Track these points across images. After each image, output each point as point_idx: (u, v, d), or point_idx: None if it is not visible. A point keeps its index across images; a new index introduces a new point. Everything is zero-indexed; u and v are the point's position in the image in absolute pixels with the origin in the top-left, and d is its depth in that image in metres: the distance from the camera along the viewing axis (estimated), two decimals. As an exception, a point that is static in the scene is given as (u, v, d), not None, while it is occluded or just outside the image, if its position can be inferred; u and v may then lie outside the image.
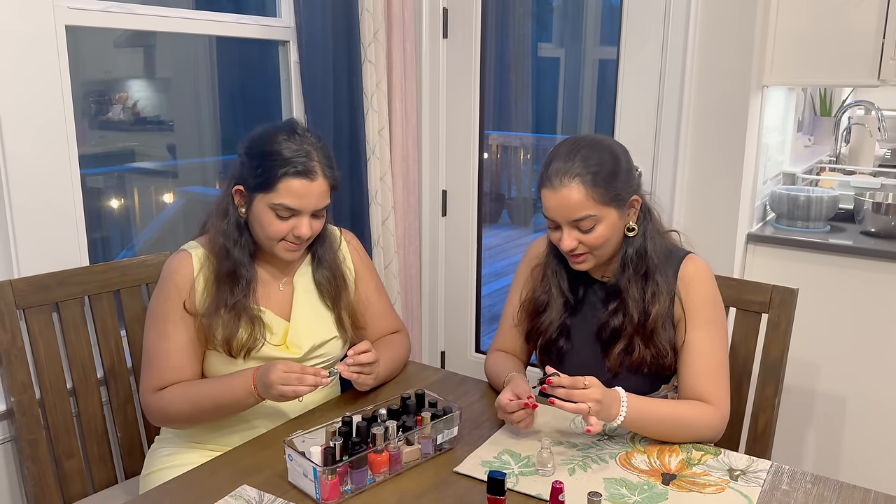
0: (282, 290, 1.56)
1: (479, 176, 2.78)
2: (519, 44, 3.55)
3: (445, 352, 2.96)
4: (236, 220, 1.48)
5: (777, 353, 1.63)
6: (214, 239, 1.49)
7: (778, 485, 1.23)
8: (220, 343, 1.45)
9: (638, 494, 1.20)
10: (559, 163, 1.37)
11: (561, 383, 1.26)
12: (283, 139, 1.43)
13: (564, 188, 1.35)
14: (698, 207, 2.30)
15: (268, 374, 1.36)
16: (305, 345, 1.54)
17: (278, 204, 1.42)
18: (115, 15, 1.81)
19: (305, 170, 1.42)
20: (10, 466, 1.66)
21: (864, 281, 2.21)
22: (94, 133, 2.20)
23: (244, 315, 1.46)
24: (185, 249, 1.51)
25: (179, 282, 1.47)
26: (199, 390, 1.44)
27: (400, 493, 1.22)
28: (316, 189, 1.44)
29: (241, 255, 1.48)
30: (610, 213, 1.38)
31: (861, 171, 3.09)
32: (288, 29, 2.27)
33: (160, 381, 1.46)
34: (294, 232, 1.45)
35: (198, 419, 1.48)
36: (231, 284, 1.46)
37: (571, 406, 1.25)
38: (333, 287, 1.60)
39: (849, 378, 2.27)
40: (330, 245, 1.62)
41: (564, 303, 1.53)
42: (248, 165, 1.45)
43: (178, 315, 1.45)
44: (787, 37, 2.20)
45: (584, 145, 1.39)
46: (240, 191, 1.47)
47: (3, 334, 1.53)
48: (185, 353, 1.46)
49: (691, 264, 1.47)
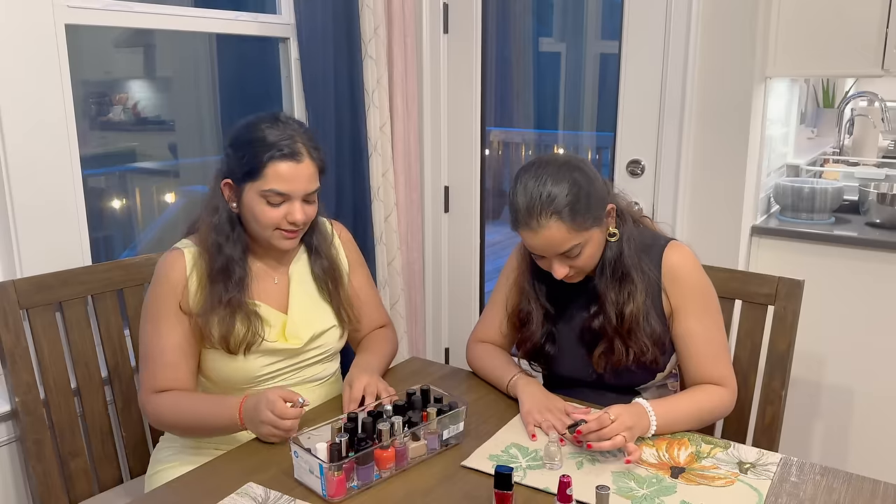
0: (277, 283, 1.55)
1: (481, 172, 2.77)
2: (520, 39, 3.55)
3: (449, 348, 2.96)
4: (228, 216, 1.47)
5: (783, 346, 1.62)
6: (206, 236, 1.47)
7: (787, 477, 1.23)
8: (218, 341, 1.44)
9: (646, 488, 1.19)
10: (529, 201, 1.33)
11: (590, 429, 1.25)
12: (266, 127, 1.43)
13: (544, 229, 1.33)
14: (702, 200, 2.29)
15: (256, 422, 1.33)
16: (304, 335, 1.53)
17: (268, 190, 1.41)
18: (114, 13, 1.81)
19: (291, 152, 1.41)
20: (16, 466, 1.65)
21: (870, 272, 2.20)
22: (95, 134, 2.20)
23: (240, 310, 1.45)
24: (177, 248, 1.50)
25: (173, 280, 1.46)
26: (190, 407, 1.43)
27: (407, 488, 1.21)
28: (304, 171, 1.43)
29: (234, 251, 1.47)
30: (593, 234, 1.38)
31: (865, 163, 3.08)
32: (288, 26, 2.27)
33: (157, 380, 1.44)
34: (288, 218, 1.43)
35: (187, 434, 1.49)
36: (225, 280, 1.45)
37: (608, 444, 1.24)
38: (331, 278, 1.59)
39: (856, 369, 2.26)
40: (325, 236, 1.62)
41: (545, 313, 1.53)
42: (233, 157, 1.45)
43: (172, 313, 1.45)
44: (790, 28, 2.19)
45: (547, 176, 1.33)
46: (228, 184, 1.46)
47: (7, 335, 1.53)
48: (180, 352, 1.45)
49: (673, 253, 1.46)
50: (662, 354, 1.47)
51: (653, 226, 1.55)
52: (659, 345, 1.45)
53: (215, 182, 1.49)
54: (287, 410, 1.30)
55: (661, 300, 1.46)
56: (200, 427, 1.44)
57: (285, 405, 1.31)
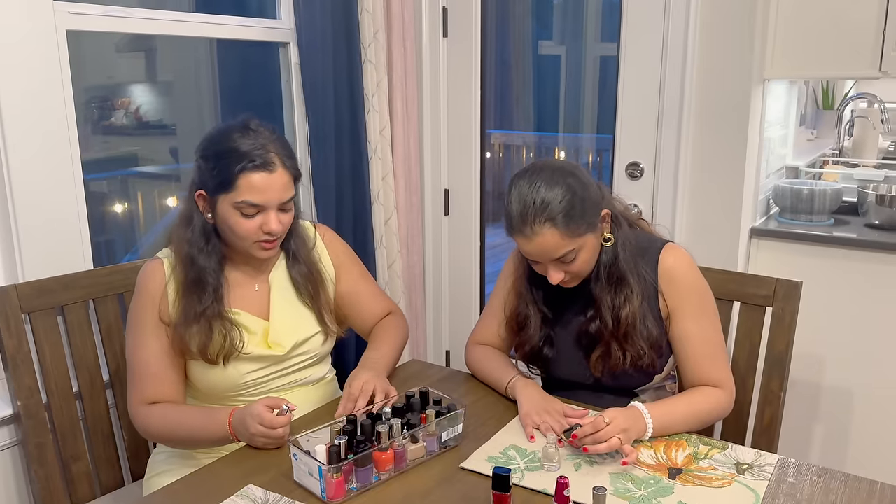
0: (258, 290, 1.55)
1: (482, 175, 2.78)
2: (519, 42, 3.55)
3: (450, 351, 2.96)
4: (202, 227, 1.45)
5: (782, 347, 1.62)
6: (179, 248, 1.46)
7: (784, 477, 1.23)
8: (196, 353, 1.43)
9: (644, 489, 1.20)
10: (523, 207, 1.33)
11: (585, 433, 1.26)
12: (237, 136, 1.40)
13: (538, 236, 1.34)
14: (701, 203, 2.30)
15: (247, 436, 1.33)
16: (287, 343, 1.52)
17: (241, 202, 1.39)
18: (116, 19, 1.82)
19: (263, 162, 1.39)
20: (18, 470, 1.66)
21: (869, 273, 2.20)
22: (96, 138, 2.20)
23: (216, 321, 1.44)
24: (157, 257, 1.50)
25: (152, 289, 1.45)
26: (179, 421, 1.42)
27: (406, 490, 1.22)
28: (277, 181, 1.41)
29: (208, 262, 1.45)
30: (588, 240, 1.38)
31: (864, 164, 3.08)
32: (288, 31, 2.28)
33: (145, 392, 1.44)
34: (263, 228, 1.42)
35: (177, 446, 1.49)
36: (199, 292, 1.44)
37: (604, 447, 1.25)
38: (311, 283, 1.58)
39: (854, 370, 2.26)
40: (304, 241, 1.60)
41: (543, 317, 1.53)
42: (205, 168, 1.43)
43: (153, 323, 1.44)
44: (788, 30, 2.20)
45: (541, 182, 1.34)
46: (202, 195, 1.44)
47: (9, 339, 1.53)
48: (164, 362, 1.45)
49: (669, 255, 1.47)
50: (659, 357, 1.48)
51: (649, 228, 1.56)
52: (656, 348, 1.46)
53: (189, 192, 1.47)
54: (275, 420, 1.30)
55: (657, 302, 1.46)
56: (191, 440, 1.43)
57: (272, 414, 1.31)
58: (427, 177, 2.78)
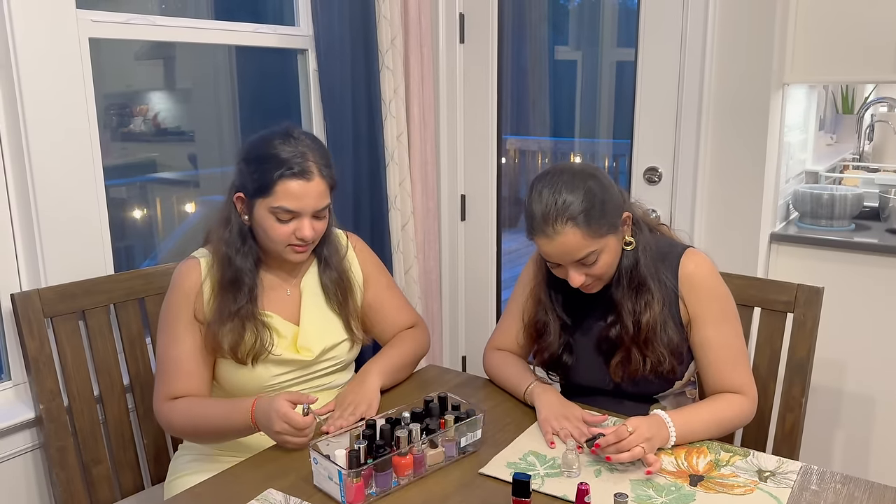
0: (289, 294, 1.57)
1: (498, 180, 2.78)
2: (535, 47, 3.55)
3: (466, 356, 2.96)
4: (239, 228, 1.49)
5: (803, 353, 1.61)
6: (217, 247, 1.49)
7: (807, 485, 1.22)
8: (227, 350, 1.45)
9: (665, 496, 1.19)
10: (544, 208, 1.34)
11: (608, 442, 1.25)
12: (279, 143, 1.44)
13: (560, 235, 1.33)
14: (720, 208, 2.28)
15: (272, 432, 1.34)
16: (316, 348, 1.54)
17: (277, 207, 1.42)
18: (137, 27, 1.84)
19: (301, 170, 1.42)
20: (40, 473, 1.68)
21: (891, 279, 2.18)
22: (116, 145, 2.23)
23: (249, 321, 1.47)
24: (193, 256, 1.52)
25: (188, 288, 1.48)
26: (203, 413, 1.44)
27: (425, 495, 1.22)
28: (313, 189, 1.44)
29: (244, 263, 1.48)
30: (609, 242, 1.38)
31: (886, 169, 3.05)
32: (306, 38, 2.29)
33: (172, 387, 1.46)
34: (297, 234, 1.45)
35: (200, 440, 1.51)
36: (234, 292, 1.47)
37: (627, 456, 1.24)
38: (340, 290, 1.60)
39: (876, 377, 2.23)
40: (336, 248, 1.63)
41: (562, 324, 1.53)
42: (245, 172, 1.46)
43: (187, 321, 1.47)
44: (808, 34, 2.18)
45: (562, 183, 1.34)
46: (241, 198, 1.48)
47: (32, 342, 1.55)
48: (195, 360, 1.47)
49: (690, 261, 1.46)
50: (680, 364, 1.46)
51: (670, 233, 1.55)
52: (676, 354, 1.45)
53: (229, 194, 1.51)
54: (301, 421, 1.31)
55: (678, 308, 1.45)
56: (213, 431, 1.44)
57: (298, 415, 1.31)
58: (444, 182, 2.78)
